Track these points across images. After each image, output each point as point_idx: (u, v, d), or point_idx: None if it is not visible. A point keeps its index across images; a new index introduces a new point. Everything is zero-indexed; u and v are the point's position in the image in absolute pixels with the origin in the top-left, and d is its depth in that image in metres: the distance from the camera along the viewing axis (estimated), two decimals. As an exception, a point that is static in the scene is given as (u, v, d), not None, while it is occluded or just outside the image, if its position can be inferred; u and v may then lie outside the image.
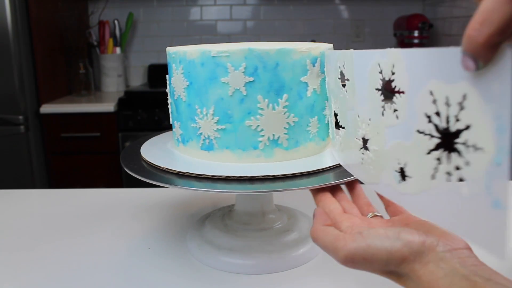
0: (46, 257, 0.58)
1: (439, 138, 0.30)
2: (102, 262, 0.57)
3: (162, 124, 1.80)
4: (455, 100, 0.28)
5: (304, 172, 0.48)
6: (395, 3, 2.25)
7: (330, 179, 0.47)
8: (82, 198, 0.80)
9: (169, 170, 0.50)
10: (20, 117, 1.66)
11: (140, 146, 0.60)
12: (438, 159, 0.31)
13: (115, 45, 2.11)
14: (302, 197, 0.75)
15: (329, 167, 0.50)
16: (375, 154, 0.40)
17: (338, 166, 0.50)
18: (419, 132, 0.32)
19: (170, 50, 0.54)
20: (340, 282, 0.52)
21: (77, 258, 0.58)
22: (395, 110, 0.35)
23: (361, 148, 0.42)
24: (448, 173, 0.30)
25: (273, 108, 0.49)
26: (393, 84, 0.34)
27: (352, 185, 0.48)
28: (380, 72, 0.36)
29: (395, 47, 0.37)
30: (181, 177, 0.49)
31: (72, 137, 1.80)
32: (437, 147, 0.31)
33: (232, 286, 0.51)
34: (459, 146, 0.28)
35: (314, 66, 0.50)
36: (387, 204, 0.44)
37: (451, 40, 1.93)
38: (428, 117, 0.31)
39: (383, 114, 0.37)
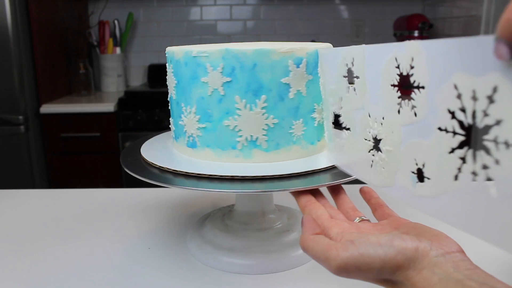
0: (46, 257, 0.58)
1: (464, 135, 0.29)
2: (102, 262, 0.57)
3: (162, 124, 1.79)
4: (484, 93, 0.26)
5: (302, 172, 0.48)
6: (395, 3, 2.25)
7: (330, 180, 0.47)
8: (82, 198, 0.80)
9: (168, 170, 0.50)
10: (20, 117, 1.66)
11: (140, 146, 0.60)
12: (462, 158, 0.29)
13: (115, 45, 2.11)
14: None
15: (326, 167, 0.50)
16: (388, 155, 0.38)
17: (335, 168, 0.50)
18: (441, 129, 0.30)
19: (166, 50, 0.56)
20: (340, 282, 0.52)
21: (77, 258, 0.58)
22: (413, 107, 0.33)
23: (372, 149, 0.40)
24: (474, 173, 0.28)
25: (251, 109, 0.49)
26: (412, 79, 0.33)
27: (336, 190, 0.47)
28: (397, 67, 0.34)
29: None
30: (181, 177, 0.49)
31: (72, 137, 1.80)
32: (461, 145, 0.29)
33: (232, 286, 0.51)
34: (488, 143, 0.26)
35: (298, 67, 0.49)
36: (374, 208, 0.43)
37: (451, 40, 1.93)
38: (452, 113, 0.29)
39: (399, 112, 0.35)
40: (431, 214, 0.34)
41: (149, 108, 1.80)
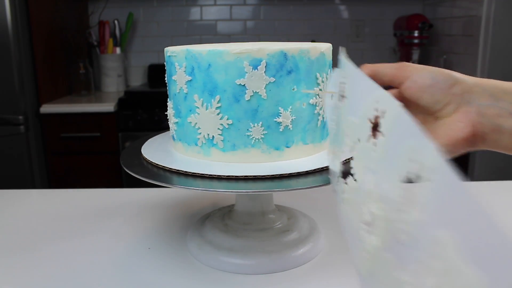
0: (46, 257, 0.58)
1: None
2: (102, 262, 0.57)
3: (162, 124, 1.79)
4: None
5: (302, 172, 0.48)
6: (395, 3, 2.25)
7: (328, 180, 0.47)
8: (82, 198, 0.80)
9: (169, 169, 0.50)
10: (20, 117, 1.66)
11: (140, 146, 0.60)
12: None
13: (115, 45, 2.11)
14: (302, 197, 0.75)
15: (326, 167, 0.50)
16: (351, 188, 0.32)
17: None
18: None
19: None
20: (340, 282, 0.52)
21: (77, 258, 0.58)
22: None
23: (339, 176, 0.35)
24: None
25: (207, 108, 0.50)
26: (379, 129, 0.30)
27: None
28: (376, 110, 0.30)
29: (395, 47, 0.37)
30: (181, 177, 0.49)
31: (72, 137, 1.80)
32: None
33: (232, 286, 0.51)
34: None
35: (256, 69, 0.48)
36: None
37: (451, 40, 1.93)
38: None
39: (368, 151, 0.31)
40: None
41: (149, 108, 1.80)
